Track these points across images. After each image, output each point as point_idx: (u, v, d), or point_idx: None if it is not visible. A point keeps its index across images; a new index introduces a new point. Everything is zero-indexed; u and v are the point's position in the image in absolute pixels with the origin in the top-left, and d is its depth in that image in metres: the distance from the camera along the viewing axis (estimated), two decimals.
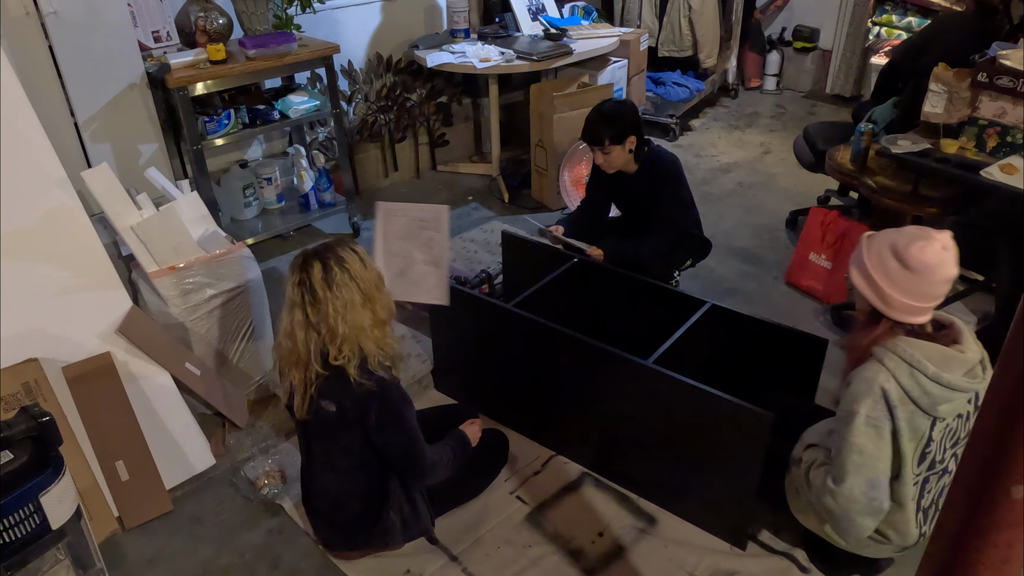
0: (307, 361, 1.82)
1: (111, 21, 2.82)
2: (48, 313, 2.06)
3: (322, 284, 1.78)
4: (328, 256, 1.81)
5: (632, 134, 2.65)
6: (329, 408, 1.84)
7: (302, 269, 1.81)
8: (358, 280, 1.80)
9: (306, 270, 1.80)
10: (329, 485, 1.98)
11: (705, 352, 2.29)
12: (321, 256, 1.81)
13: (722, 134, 5.12)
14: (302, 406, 1.86)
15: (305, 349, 1.81)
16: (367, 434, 1.86)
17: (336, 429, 1.87)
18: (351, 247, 1.85)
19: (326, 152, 4.00)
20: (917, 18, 4.78)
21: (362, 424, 1.84)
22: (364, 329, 1.80)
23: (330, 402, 1.83)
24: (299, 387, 1.85)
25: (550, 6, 4.61)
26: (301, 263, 1.83)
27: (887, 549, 1.86)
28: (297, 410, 1.88)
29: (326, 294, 1.78)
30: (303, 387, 1.84)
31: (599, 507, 2.23)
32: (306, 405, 1.85)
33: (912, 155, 2.78)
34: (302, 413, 1.87)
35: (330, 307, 1.77)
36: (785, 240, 3.73)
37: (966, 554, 0.82)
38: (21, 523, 1.57)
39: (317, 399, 1.83)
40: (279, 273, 3.52)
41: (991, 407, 0.80)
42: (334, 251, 1.83)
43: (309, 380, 1.83)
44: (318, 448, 1.96)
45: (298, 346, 1.82)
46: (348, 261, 1.81)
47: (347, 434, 1.87)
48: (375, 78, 4.16)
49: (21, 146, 1.98)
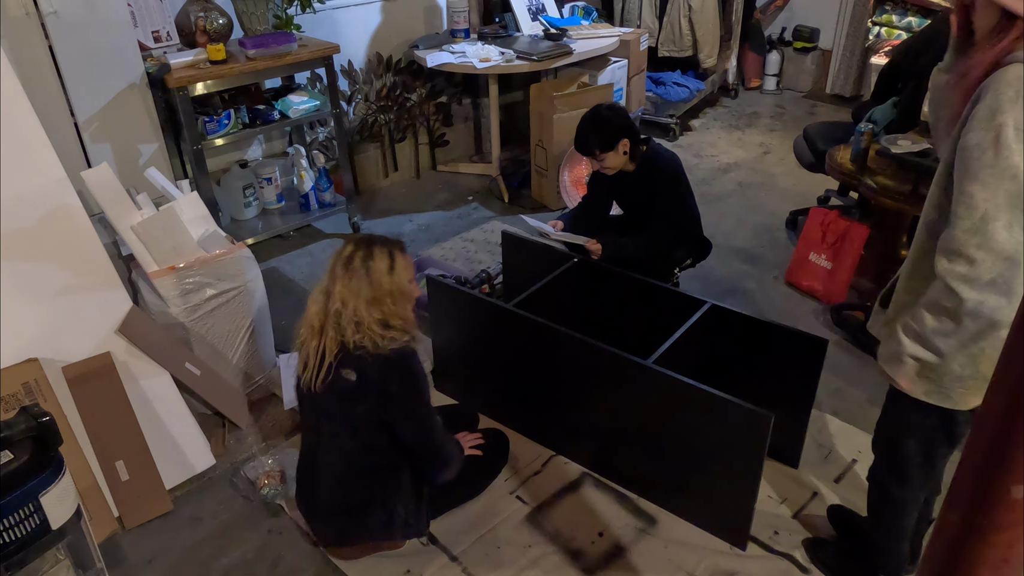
0: (321, 329, 1.87)
1: (111, 21, 2.82)
2: (48, 313, 2.06)
3: (344, 265, 1.87)
4: (363, 245, 1.89)
5: (623, 137, 2.65)
6: (349, 377, 1.85)
7: (344, 245, 1.91)
8: (372, 278, 1.85)
9: (345, 247, 1.90)
10: (335, 468, 1.95)
11: (705, 352, 2.29)
12: (359, 242, 1.90)
13: (722, 134, 5.12)
14: (316, 377, 1.87)
15: (320, 318, 1.87)
16: (384, 408, 1.87)
17: (353, 401, 1.87)
18: (391, 251, 1.90)
19: (326, 152, 4.00)
20: (917, 18, 4.78)
21: (381, 394, 1.85)
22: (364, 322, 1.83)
23: (351, 371, 1.85)
24: (314, 357, 1.87)
25: (550, 6, 4.61)
26: (347, 240, 1.95)
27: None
28: (310, 384, 1.88)
29: (344, 275, 1.86)
30: (318, 357, 1.87)
31: (599, 507, 2.23)
32: (321, 375, 1.86)
33: (912, 155, 2.78)
34: (317, 385, 1.87)
35: (340, 287, 1.85)
36: (785, 240, 3.73)
37: (966, 554, 0.82)
38: (21, 523, 1.57)
39: (337, 367, 1.85)
40: (279, 273, 3.52)
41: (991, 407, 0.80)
42: (371, 244, 1.90)
43: (326, 349, 1.86)
44: (327, 427, 1.94)
45: (316, 313, 1.88)
46: (376, 260, 1.87)
47: (363, 406, 1.87)
48: (375, 78, 4.16)
49: (21, 146, 1.98)
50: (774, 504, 2.22)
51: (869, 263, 3.19)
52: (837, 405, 2.59)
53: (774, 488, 2.27)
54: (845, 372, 2.75)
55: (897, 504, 1.79)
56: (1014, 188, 1.29)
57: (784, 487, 2.28)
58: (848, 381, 2.71)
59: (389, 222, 4.01)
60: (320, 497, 2.00)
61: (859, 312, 3.02)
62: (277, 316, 2.93)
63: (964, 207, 1.33)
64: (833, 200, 3.98)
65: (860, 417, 2.52)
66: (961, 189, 1.34)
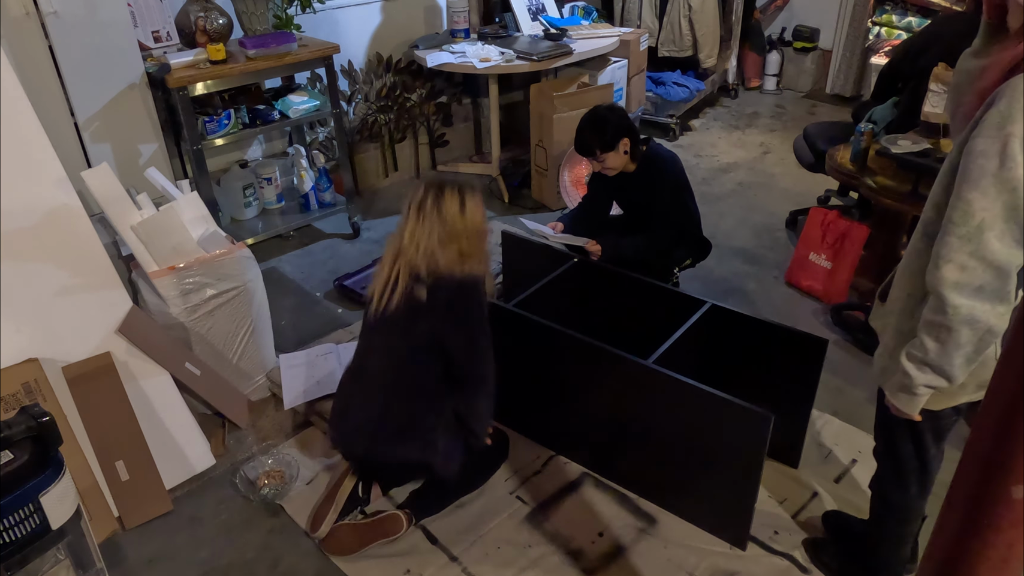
0: (394, 262, 1.96)
1: (111, 21, 2.82)
2: (48, 313, 2.06)
3: (417, 208, 1.95)
4: (434, 188, 1.96)
5: (623, 137, 2.65)
6: (420, 295, 1.93)
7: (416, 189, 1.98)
8: (444, 219, 1.92)
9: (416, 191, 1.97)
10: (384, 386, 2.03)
11: (705, 352, 2.29)
12: (429, 185, 1.97)
13: (722, 134, 5.12)
14: (387, 300, 1.96)
15: (394, 256, 1.97)
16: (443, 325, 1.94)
17: (417, 317, 1.94)
18: (463, 192, 1.97)
19: (326, 152, 4.00)
20: (917, 18, 4.78)
21: (445, 311, 1.93)
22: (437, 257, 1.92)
23: (423, 288, 1.93)
24: (385, 285, 1.96)
25: (550, 6, 4.61)
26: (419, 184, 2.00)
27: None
28: (378, 308, 1.98)
29: (416, 217, 1.94)
30: (391, 283, 1.96)
31: (599, 507, 2.23)
32: (388, 293, 1.96)
33: (912, 155, 2.78)
34: (381, 304, 1.97)
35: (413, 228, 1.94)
36: (785, 240, 3.73)
37: (966, 554, 0.82)
38: (21, 523, 1.57)
39: (412, 283, 1.93)
40: (279, 273, 3.52)
41: (991, 407, 0.80)
42: (442, 186, 1.96)
43: (400, 275, 1.95)
44: (386, 348, 2.02)
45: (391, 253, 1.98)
46: (447, 201, 1.94)
47: (426, 324, 1.94)
48: (375, 78, 4.15)
49: (21, 146, 1.98)
50: (774, 504, 2.22)
51: (869, 263, 3.19)
52: (837, 405, 2.59)
53: (774, 488, 2.27)
54: (845, 372, 2.75)
55: (899, 512, 1.80)
56: (1013, 200, 1.27)
57: (784, 487, 2.28)
58: (848, 381, 2.71)
59: (389, 222, 4.00)
60: (360, 415, 2.05)
61: (859, 312, 3.02)
62: (277, 316, 2.93)
63: (961, 213, 1.31)
64: (833, 200, 3.98)
65: (860, 417, 2.52)
66: (959, 195, 1.31)
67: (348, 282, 3.34)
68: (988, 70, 1.38)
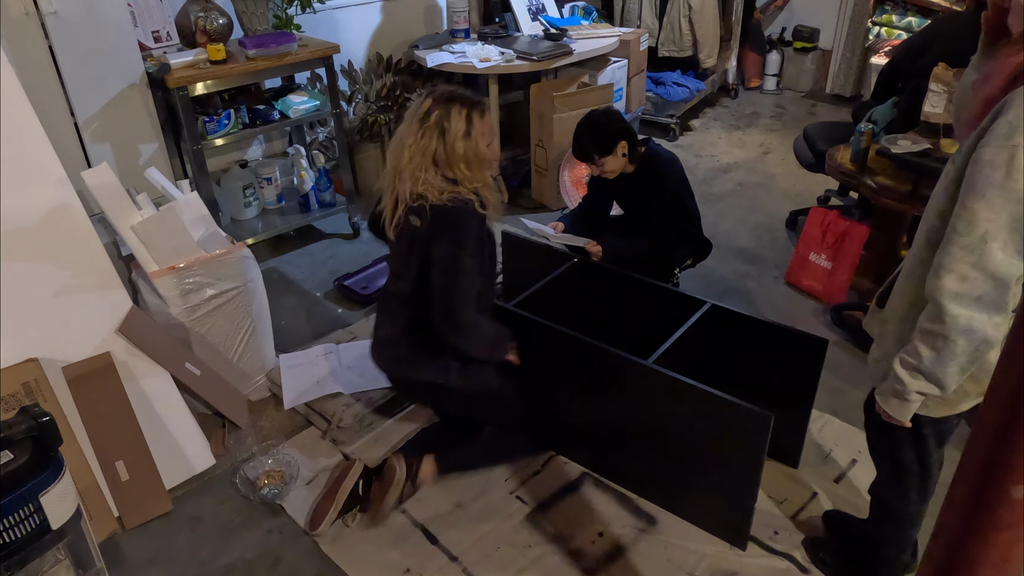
0: (395, 178, 1.93)
1: (111, 21, 2.82)
2: (48, 313, 2.06)
3: (420, 120, 1.88)
4: (441, 103, 1.88)
5: (620, 140, 2.65)
6: (415, 223, 1.92)
7: (423, 99, 1.91)
8: (446, 140, 1.86)
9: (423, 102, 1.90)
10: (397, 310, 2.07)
11: (705, 352, 2.29)
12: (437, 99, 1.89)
13: (722, 134, 5.12)
14: (390, 225, 1.98)
15: (395, 170, 1.93)
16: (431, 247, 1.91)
17: (413, 246, 1.95)
18: (470, 113, 1.90)
19: (326, 152, 4.00)
20: (917, 18, 4.78)
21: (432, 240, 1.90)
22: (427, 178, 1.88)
23: (416, 217, 1.92)
24: (390, 206, 1.96)
25: (550, 6, 4.61)
26: (427, 93, 1.93)
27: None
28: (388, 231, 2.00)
29: (417, 130, 1.88)
30: (392, 204, 1.95)
31: (599, 507, 2.23)
32: (394, 221, 1.96)
33: (912, 155, 2.77)
34: (390, 232, 1.99)
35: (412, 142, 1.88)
36: (785, 240, 3.73)
37: (966, 554, 0.82)
38: (21, 523, 1.57)
39: (406, 215, 1.92)
40: (279, 273, 3.52)
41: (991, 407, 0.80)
42: (450, 103, 1.88)
43: (399, 196, 1.92)
44: (398, 264, 2.05)
45: (392, 165, 1.94)
46: (452, 121, 1.87)
47: (421, 253, 1.94)
48: (375, 78, 4.15)
49: (21, 146, 1.98)
50: (774, 504, 2.22)
51: (869, 263, 3.19)
52: (837, 405, 2.59)
53: (774, 488, 2.27)
54: (845, 372, 2.75)
55: (900, 518, 1.79)
56: (1017, 211, 1.25)
57: (784, 487, 2.28)
58: (848, 381, 2.71)
59: None
60: (382, 334, 2.11)
61: (859, 312, 3.02)
62: (277, 316, 2.93)
63: (965, 223, 1.30)
64: (833, 200, 3.98)
65: (860, 417, 2.48)
66: (964, 204, 1.30)
67: (348, 282, 3.34)
68: (991, 78, 1.39)
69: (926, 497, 1.75)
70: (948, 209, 1.37)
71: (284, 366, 2.70)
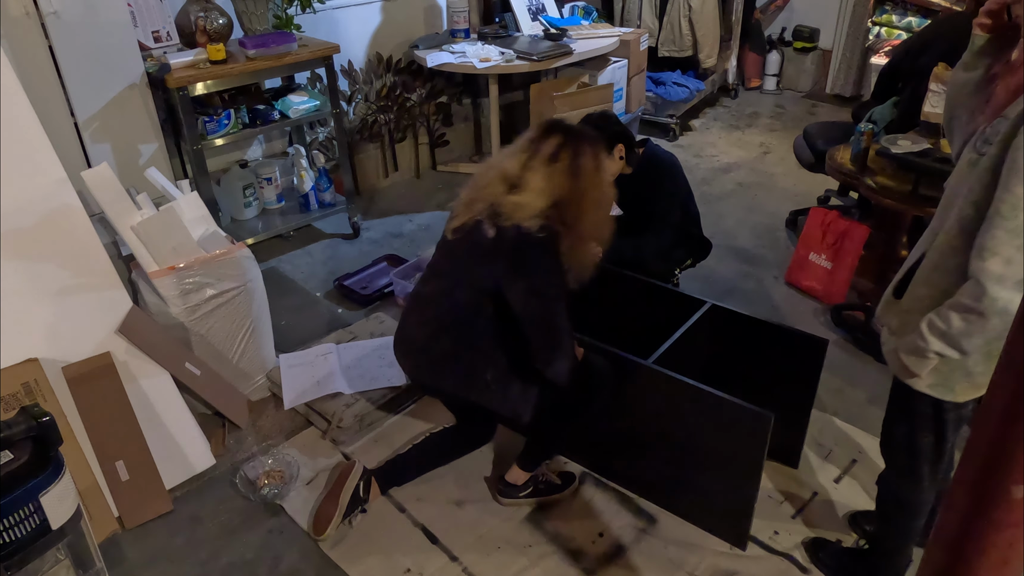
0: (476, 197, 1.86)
1: (111, 21, 2.82)
2: (48, 313, 2.06)
3: (546, 160, 1.80)
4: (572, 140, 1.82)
5: (617, 143, 2.64)
6: (488, 232, 1.81)
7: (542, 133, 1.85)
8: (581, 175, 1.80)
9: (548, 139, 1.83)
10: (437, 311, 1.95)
11: (705, 352, 2.29)
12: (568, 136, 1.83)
13: (722, 134, 5.12)
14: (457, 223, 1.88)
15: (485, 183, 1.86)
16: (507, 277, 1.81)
17: (480, 256, 1.84)
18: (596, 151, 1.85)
19: (326, 152, 4.00)
20: (917, 18, 4.78)
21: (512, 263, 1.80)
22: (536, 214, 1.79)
23: (492, 226, 1.81)
24: (462, 209, 1.89)
25: (550, 6, 4.61)
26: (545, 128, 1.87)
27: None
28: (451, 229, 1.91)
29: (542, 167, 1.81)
30: (466, 211, 1.87)
31: (599, 507, 2.23)
32: (461, 222, 1.87)
33: (912, 155, 2.78)
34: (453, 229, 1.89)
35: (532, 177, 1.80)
36: (785, 240, 3.73)
37: (966, 554, 0.82)
38: (21, 523, 1.57)
39: (483, 220, 1.82)
40: (279, 273, 3.52)
41: (991, 407, 0.80)
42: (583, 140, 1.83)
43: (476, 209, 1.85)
44: (447, 266, 1.96)
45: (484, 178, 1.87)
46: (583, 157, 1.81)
47: (487, 268, 1.84)
48: (375, 78, 4.16)
49: (21, 146, 1.98)
50: (774, 504, 2.22)
51: (869, 263, 3.19)
52: (837, 405, 2.59)
53: (774, 488, 2.27)
54: (845, 372, 2.75)
55: (910, 507, 1.79)
56: None
57: (784, 487, 2.28)
58: (848, 381, 2.71)
59: (389, 222, 4.00)
60: (409, 334, 2.03)
61: (859, 312, 3.02)
62: (277, 316, 2.93)
63: (1010, 207, 1.31)
64: (833, 200, 3.98)
65: (860, 417, 2.52)
66: (1008, 188, 1.32)
67: (348, 282, 3.34)
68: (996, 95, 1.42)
69: (935, 484, 1.75)
70: (983, 198, 1.39)
71: (284, 366, 2.70)
